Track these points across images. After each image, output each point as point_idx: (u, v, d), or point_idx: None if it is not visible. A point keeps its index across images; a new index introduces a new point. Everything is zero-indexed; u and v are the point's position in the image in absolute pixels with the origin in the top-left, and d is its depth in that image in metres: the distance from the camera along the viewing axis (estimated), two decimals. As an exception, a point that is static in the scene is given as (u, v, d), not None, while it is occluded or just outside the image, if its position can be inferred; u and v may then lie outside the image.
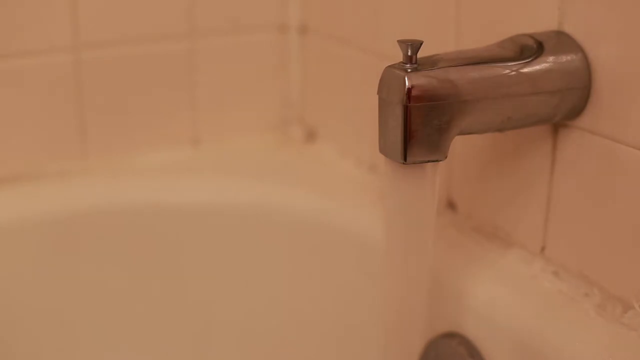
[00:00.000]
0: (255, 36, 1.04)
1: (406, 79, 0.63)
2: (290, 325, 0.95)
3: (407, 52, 0.64)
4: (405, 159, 0.64)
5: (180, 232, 0.94)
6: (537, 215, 0.76)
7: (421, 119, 0.64)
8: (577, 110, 0.70)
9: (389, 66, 0.65)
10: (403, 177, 0.66)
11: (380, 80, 0.65)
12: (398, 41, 0.64)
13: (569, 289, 0.73)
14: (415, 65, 0.64)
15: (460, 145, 0.80)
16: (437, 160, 0.65)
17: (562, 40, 0.69)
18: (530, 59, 0.67)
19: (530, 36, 0.69)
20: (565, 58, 0.68)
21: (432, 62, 0.65)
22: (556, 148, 0.73)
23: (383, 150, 0.66)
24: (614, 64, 0.67)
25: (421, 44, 0.64)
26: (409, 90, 0.63)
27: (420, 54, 0.64)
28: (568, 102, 0.69)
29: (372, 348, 0.81)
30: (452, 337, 0.77)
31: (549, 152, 0.74)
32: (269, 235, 0.94)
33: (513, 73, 0.67)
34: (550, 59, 0.68)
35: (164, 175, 0.98)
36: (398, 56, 0.65)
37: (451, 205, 0.86)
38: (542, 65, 0.67)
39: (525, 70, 0.67)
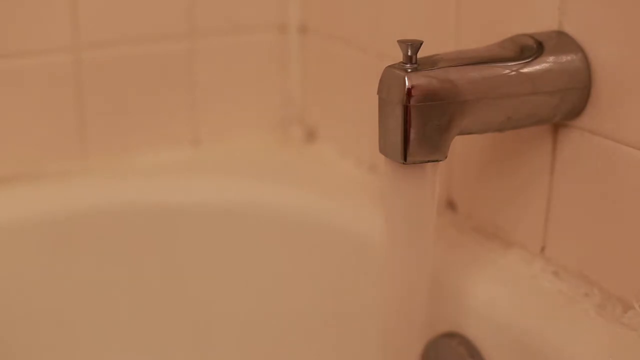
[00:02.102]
0: (255, 36, 1.04)
1: (406, 79, 0.63)
2: (290, 324, 0.95)
3: (407, 52, 0.64)
4: (405, 159, 0.64)
5: (180, 232, 0.94)
6: (537, 215, 0.76)
7: (421, 119, 0.64)
8: (577, 110, 0.70)
9: (389, 66, 0.65)
10: (403, 177, 0.66)
11: (380, 80, 0.65)
12: (398, 41, 0.64)
13: (569, 289, 0.73)
14: (415, 65, 0.64)
15: (460, 145, 0.80)
16: (437, 160, 0.65)
17: (562, 40, 0.69)
18: (530, 59, 0.67)
19: (530, 36, 0.69)
20: (565, 58, 0.68)
21: (432, 62, 0.65)
22: (556, 148, 0.73)
23: (383, 150, 0.66)
24: (614, 64, 0.67)
25: (421, 44, 0.64)
26: (409, 90, 0.63)
27: (420, 54, 0.64)
28: (568, 102, 0.69)
29: (372, 348, 0.81)
30: (452, 337, 0.77)
31: (549, 152, 0.74)
32: (269, 235, 0.94)
33: (513, 73, 0.67)
34: (550, 59, 0.68)
35: (164, 175, 0.98)
36: (398, 56, 0.65)
37: (451, 205, 0.86)
38: (542, 65, 0.67)
39: (525, 70, 0.67)
